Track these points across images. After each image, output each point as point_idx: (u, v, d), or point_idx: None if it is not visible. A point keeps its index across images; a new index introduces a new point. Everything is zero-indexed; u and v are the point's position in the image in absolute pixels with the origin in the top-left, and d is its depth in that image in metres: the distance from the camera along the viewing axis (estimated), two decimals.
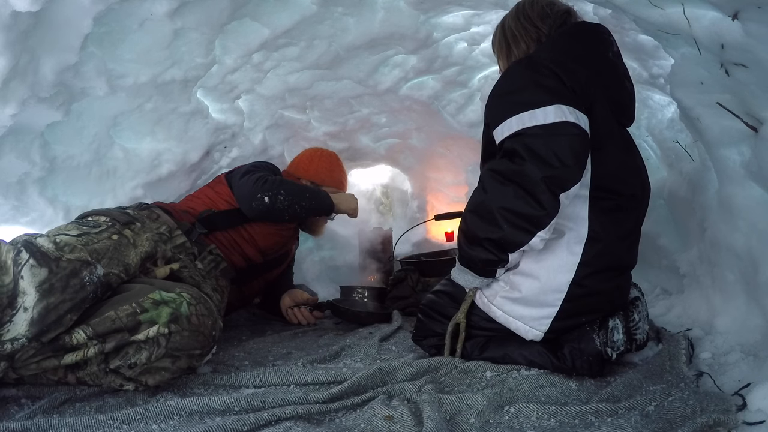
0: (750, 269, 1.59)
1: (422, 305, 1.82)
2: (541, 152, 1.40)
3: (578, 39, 1.64)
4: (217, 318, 1.61)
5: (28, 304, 1.35)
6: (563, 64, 1.51)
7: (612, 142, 1.57)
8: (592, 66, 1.58)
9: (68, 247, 1.48)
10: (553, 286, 1.53)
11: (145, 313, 1.46)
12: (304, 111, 2.94)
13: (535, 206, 1.41)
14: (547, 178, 1.39)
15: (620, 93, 1.66)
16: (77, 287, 1.43)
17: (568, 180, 1.42)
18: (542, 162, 1.39)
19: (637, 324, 1.60)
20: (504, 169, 1.45)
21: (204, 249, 2.07)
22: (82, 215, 1.84)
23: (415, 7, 2.35)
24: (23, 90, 1.72)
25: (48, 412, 1.35)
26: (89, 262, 1.48)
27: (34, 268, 1.38)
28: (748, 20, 1.22)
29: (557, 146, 1.39)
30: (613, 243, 1.54)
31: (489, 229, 1.48)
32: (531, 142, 1.41)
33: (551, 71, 1.48)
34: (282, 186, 2.26)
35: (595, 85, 1.54)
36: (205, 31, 2.14)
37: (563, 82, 1.47)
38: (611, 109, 1.60)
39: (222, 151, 2.73)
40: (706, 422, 1.15)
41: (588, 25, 1.70)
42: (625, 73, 1.70)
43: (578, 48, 1.61)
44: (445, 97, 2.92)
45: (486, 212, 1.48)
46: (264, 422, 1.26)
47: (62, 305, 1.39)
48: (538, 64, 1.52)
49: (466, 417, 1.30)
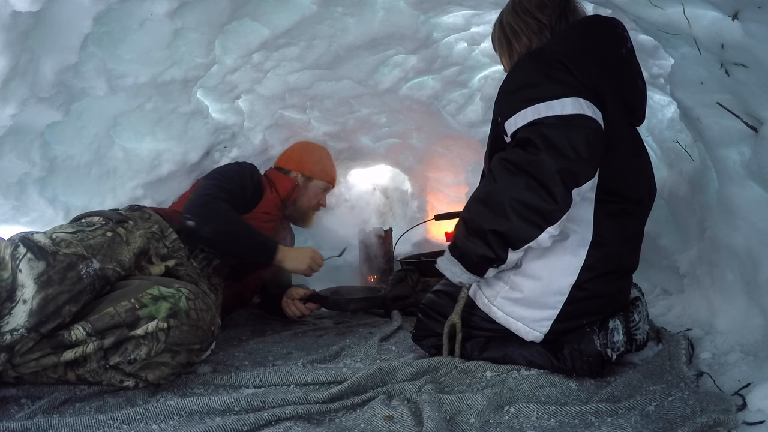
0: (750, 269, 1.59)
1: (422, 305, 1.82)
2: (557, 143, 1.34)
3: (591, 34, 1.59)
4: (215, 313, 1.62)
5: (27, 296, 1.38)
6: (574, 59, 1.46)
7: (622, 143, 1.55)
8: (605, 63, 1.53)
9: (64, 242, 1.50)
10: (554, 288, 1.52)
11: (143, 308, 1.47)
12: (304, 111, 2.94)
13: (547, 199, 1.36)
14: (562, 170, 1.34)
15: (632, 92, 1.62)
16: (74, 279, 1.45)
17: (582, 174, 1.36)
18: (558, 153, 1.34)
19: (637, 324, 1.60)
20: (517, 159, 1.39)
21: (196, 247, 2.08)
22: (76, 218, 1.87)
23: (415, 7, 2.35)
24: (23, 90, 1.72)
25: (48, 412, 1.35)
26: (85, 256, 1.50)
27: (32, 261, 1.41)
28: (748, 20, 1.23)
29: (574, 138, 1.33)
30: (617, 247, 1.53)
31: (496, 221, 1.41)
32: (548, 131, 1.35)
33: (563, 65, 1.43)
34: (215, 221, 2.06)
35: (606, 83, 1.49)
36: (205, 31, 2.14)
37: (575, 77, 1.42)
38: (622, 108, 1.58)
39: (222, 151, 2.73)
40: (706, 422, 1.15)
41: (602, 19, 1.65)
42: (638, 72, 1.65)
43: (591, 43, 1.56)
44: (445, 97, 2.92)
45: (494, 202, 1.41)
46: (264, 422, 1.26)
47: (60, 296, 1.41)
48: (550, 57, 1.47)
49: (466, 417, 1.30)
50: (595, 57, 1.52)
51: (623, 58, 1.61)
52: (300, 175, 2.65)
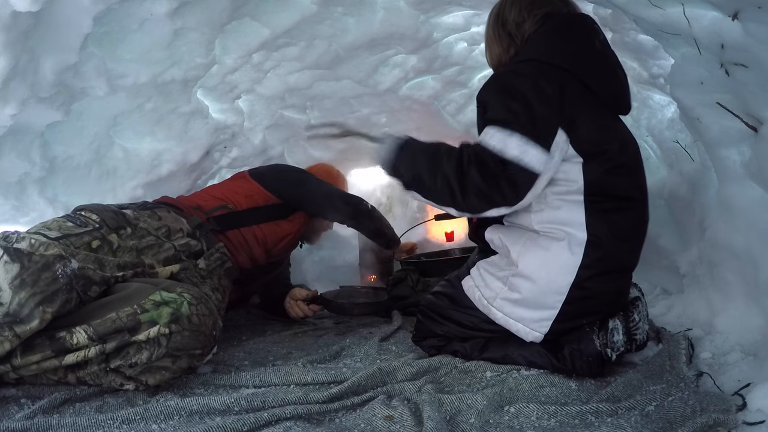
0: (750, 269, 1.59)
1: (422, 306, 1.81)
2: (489, 187, 1.46)
3: (563, 34, 1.60)
4: (217, 318, 1.61)
5: (4, 300, 1.40)
6: (536, 82, 1.49)
7: (608, 144, 1.54)
8: (579, 60, 1.55)
9: (43, 246, 1.49)
10: (553, 288, 1.52)
11: (145, 313, 1.46)
12: (304, 111, 2.94)
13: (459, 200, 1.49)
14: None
15: (612, 83, 1.63)
16: (49, 280, 1.44)
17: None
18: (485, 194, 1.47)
19: (637, 324, 1.60)
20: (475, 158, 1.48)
21: (212, 245, 2.05)
22: (79, 208, 1.83)
23: (415, 7, 2.35)
24: (23, 90, 1.72)
25: (48, 412, 1.35)
26: (63, 256, 1.49)
27: (8, 264, 1.42)
28: (748, 20, 1.23)
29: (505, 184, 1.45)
30: (614, 245, 1.53)
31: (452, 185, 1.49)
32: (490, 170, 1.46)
33: (522, 95, 1.48)
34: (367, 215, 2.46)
35: (575, 94, 1.51)
36: (205, 31, 2.14)
37: (532, 106, 1.47)
38: (606, 102, 1.58)
39: (222, 151, 2.73)
40: (706, 422, 1.15)
41: (569, 18, 1.65)
42: (616, 62, 1.66)
43: (562, 44, 1.58)
44: (445, 97, 2.92)
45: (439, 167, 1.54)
46: (264, 422, 1.26)
47: (32, 299, 1.41)
48: (513, 83, 1.52)
49: (466, 417, 1.30)
50: (568, 58, 1.54)
51: (598, 51, 1.61)
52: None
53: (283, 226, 2.35)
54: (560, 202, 1.52)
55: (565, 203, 1.52)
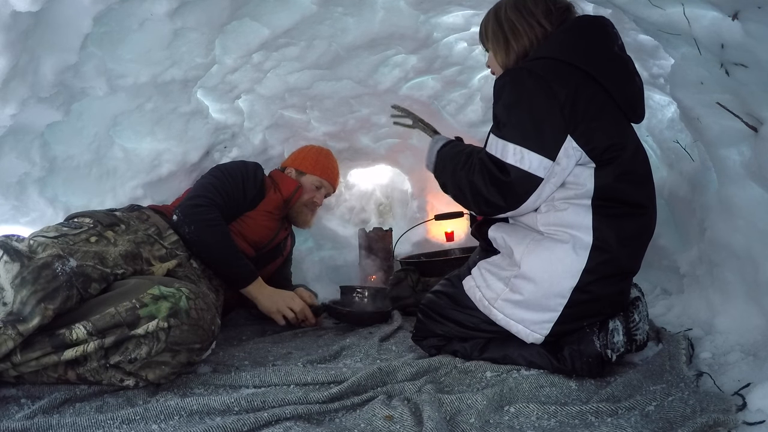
0: (750, 269, 1.59)
1: (422, 305, 1.81)
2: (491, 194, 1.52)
3: (583, 34, 1.58)
4: (215, 313, 1.62)
5: (7, 300, 1.41)
6: (548, 85, 1.47)
7: (622, 150, 1.52)
8: (599, 62, 1.52)
9: (41, 246, 1.52)
10: (555, 290, 1.52)
11: (144, 307, 1.47)
12: (304, 111, 2.94)
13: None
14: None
15: (630, 89, 1.60)
16: (49, 277, 1.45)
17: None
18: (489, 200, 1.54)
19: (637, 324, 1.60)
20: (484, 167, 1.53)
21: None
22: (70, 216, 1.87)
23: (415, 7, 2.35)
24: (23, 90, 1.72)
25: (48, 412, 1.35)
26: (61, 255, 1.51)
27: (8, 264, 1.44)
28: (748, 20, 1.23)
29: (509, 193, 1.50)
30: (618, 250, 1.51)
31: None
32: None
33: (529, 101, 1.49)
34: (198, 225, 2.04)
35: (591, 97, 1.49)
36: (205, 31, 2.14)
37: (538, 113, 1.48)
38: (621, 108, 1.56)
39: (222, 151, 2.73)
40: (706, 422, 1.15)
41: (590, 19, 1.62)
42: (633, 69, 1.63)
43: (582, 44, 1.55)
44: (445, 97, 2.92)
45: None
46: (264, 422, 1.26)
47: (34, 296, 1.42)
48: (523, 86, 1.51)
49: (466, 417, 1.30)
50: (586, 60, 1.51)
51: (617, 56, 1.59)
52: (294, 171, 2.66)
53: (253, 216, 2.38)
54: (566, 204, 1.52)
55: (571, 206, 1.51)
